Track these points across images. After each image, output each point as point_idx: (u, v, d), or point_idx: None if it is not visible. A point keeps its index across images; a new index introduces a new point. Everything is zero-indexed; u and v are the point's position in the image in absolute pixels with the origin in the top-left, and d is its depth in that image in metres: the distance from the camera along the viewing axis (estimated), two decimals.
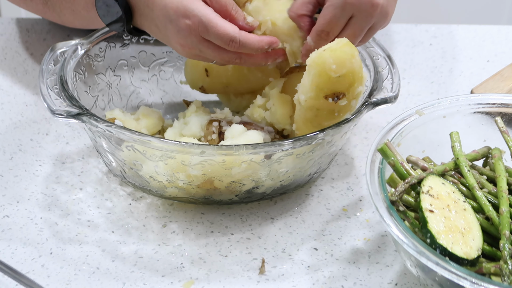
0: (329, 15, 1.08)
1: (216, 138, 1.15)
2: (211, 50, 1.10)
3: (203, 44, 1.09)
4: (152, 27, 1.13)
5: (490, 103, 1.13)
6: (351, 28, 1.10)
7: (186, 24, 1.07)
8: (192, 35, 1.08)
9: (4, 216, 1.13)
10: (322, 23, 1.09)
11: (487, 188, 1.02)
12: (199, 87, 1.25)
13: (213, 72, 1.22)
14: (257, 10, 1.14)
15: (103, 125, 1.06)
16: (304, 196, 1.18)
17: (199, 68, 1.23)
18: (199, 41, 1.09)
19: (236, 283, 1.04)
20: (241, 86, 1.23)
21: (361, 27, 1.10)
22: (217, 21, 1.07)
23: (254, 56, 1.12)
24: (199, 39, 1.09)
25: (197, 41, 1.09)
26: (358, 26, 1.09)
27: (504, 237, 0.94)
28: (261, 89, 1.22)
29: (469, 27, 1.58)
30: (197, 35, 1.08)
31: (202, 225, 1.13)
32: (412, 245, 0.92)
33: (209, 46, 1.09)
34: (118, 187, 1.18)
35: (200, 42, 1.09)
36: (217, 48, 1.10)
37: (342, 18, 1.08)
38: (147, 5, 1.10)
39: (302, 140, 1.06)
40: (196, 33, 1.08)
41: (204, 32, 1.07)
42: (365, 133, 1.30)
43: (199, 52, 1.11)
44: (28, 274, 1.04)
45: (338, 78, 1.05)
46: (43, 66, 1.16)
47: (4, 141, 1.26)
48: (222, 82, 1.23)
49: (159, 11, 1.09)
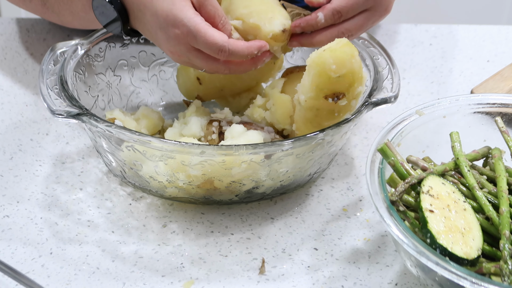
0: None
1: (216, 138, 1.15)
2: (199, 59, 1.09)
3: (192, 53, 1.09)
4: (145, 31, 1.13)
5: (490, 103, 1.13)
6: (360, 20, 1.12)
7: (175, 33, 1.07)
8: (181, 44, 1.08)
9: (4, 216, 1.13)
10: (341, 4, 1.11)
11: (487, 188, 1.02)
12: (195, 96, 1.25)
13: (205, 79, 1.22)
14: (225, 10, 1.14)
15: (103, 125, 1.06)
16: (304, 196, 1.18)
17: (191, 78, 1.23)
18: (188, 50, 1.09)
19: (236, 283, 1.04)
20: (236, 86, 1.23)
21: (368, 23, 1.13)
22: (206, 30, 1.06)
23: (243, 63, 1.12)
24: (188, 48, 1.08)
25: (186, 50, 1.08)
26: (367, 21, 1.13)
27: (504, 237, 0.94)
28: (257, 86, 1.22)
29: (469, 27, 1.58)
30: (186, 44, 1.08)
31: (202, 225, 1.13)
32: (412, 245, 0.92)
33: (197, 55, 1.09)
34: (118, 187, 1.18)
35: (189, 51, 1.09)
36: (205, 57, 1.09)
37: (361, 7, 1.11)
38: (139, 9, 1.10)
39: (302, 140, 1.06)
40: (185, 42, 1.08)
41: (193, 41, 1.07)
42: (365, 133, 1.30)
43: (188, 60, 1.11)
44: (28, 274, 1.04)
45: (338, 78, 1.05)
46: (43, 66, 1.16)
47: (4, 141, 1.26)
48: (216, 86, 1.22)
49: (150, 17, 1.09)
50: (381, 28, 1.55)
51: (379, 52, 1.22)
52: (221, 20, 1.10)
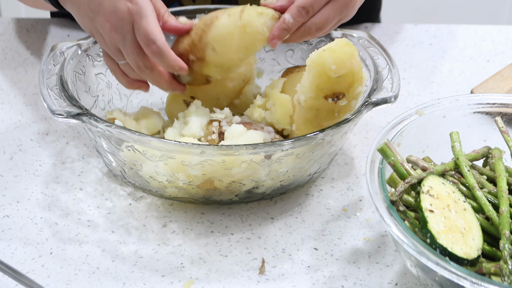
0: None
1: (216, 138, 1.15)
2: (130, 45, 1.09)
3: (128, 35, 1.09)
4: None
5: (490, 103, 1.13)
6: (328, 11, 1.10)
7: (126, 6, 1.07)
8: (125, 20, 1.08)
9: (4, 216, 1.13)
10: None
11: (487, 188, 1.02)
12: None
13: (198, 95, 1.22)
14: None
15: (103, 125, 1.06)
16: (304, 196, 1.18)
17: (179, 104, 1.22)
18: (128, 30, 1.08)
19: (236, 283, 1.04)
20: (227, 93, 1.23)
21: (336, 13, 1.11)
22: (153, 19, 1.08)
23: (162, 76, 1.12)
24: (129, 27, 1.08)
25: (126, 29, 1.08)
26: (334, 11, 1.10)
27: (504, 237, 0.94)
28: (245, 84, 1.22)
29: (469, 27, 1.58)
30: (130, 22, 1.08)
31: (202, 225, 1.13)
32: (412, 245, 0.92)
33: (132, 40, 1.09)
34: (118, 187, 1.18)
35: (128, 32, 1.08)
36: (136, 47, 1.09)
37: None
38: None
39: (302, 140, 1.06)
40: (130, 19, 1.08)
41: (137, 22, 1.07)
42: (365, 133, 1.30)
43: (121, 40, 1.09)
44: (28, 274, 1.04)
45: (338, 78, 1.05)
46: (43, 66, 1.16)
47: (4, 141, 1.26)
48: (213, 96, 1.22)
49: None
50: (381, 28, 1.55)
51: (379, 52, 1.22)
52: (166, 13, 1.12)
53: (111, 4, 1.08)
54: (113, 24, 1.09)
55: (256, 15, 1.11)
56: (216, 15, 1.13)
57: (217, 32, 1.12)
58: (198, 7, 1.30)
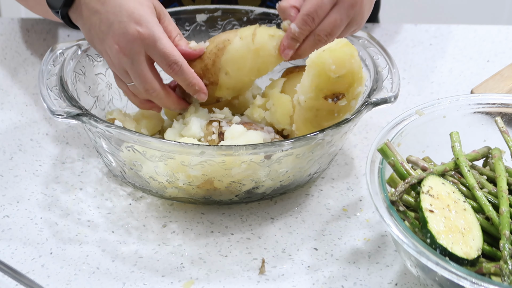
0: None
1: (216, 139, 1.15)
2: (137, 68, 1.09)
3: (140, 56, 1.09)
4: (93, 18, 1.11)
5: (490, 103, 1.13)
6: (334, 15, 1.11)
7: (136, 30, 1.07)
8: (136, 43, 1.08)
9: (4, 216, 1.13)
10: (308, 7, 1.11)
11: (487, 188, 1.02)
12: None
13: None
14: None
15: (103, 125, 1.06)
16: (304, 196, 1.18)
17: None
18: (138, 52, 1.09)
19: (236, 283, 1.04)
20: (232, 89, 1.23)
21: (343, 15, 1.12)
22: (167, 40, 1.09)
23: (169, 97, 1.14)
24: (140, 50, 1.08)
25: (137, 50, 1.08)
26: (340, 14, 1.11)
27: (504, 237, 0.94)
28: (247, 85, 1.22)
29: (469, 27, 1.58)
30: (141, 45, 1.08)
31: (202, 225, 1.13)
32: (412, 245, 0.92)
33: (139, 62, 1.09)
34: (118, 187, 1.18)
35: (139, 53, 1.09)
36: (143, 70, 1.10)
37: (328, 3, 1.10)
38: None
39: (302, 140, 1.06)
40: (141, 42, 1.08)
41: (151, 45, 1.08)
42: (365, 133, 1.30)
43: (129, 63, 1.09)
44: (28, 274, 1.04)
45: (337, 78, 1.05)
46: (43, 66, 1.16)
47: (4, 141, 1.26)
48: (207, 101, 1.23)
49: (111, 8, 1.09)
50: (380, 28, 1.55)
51: (379, 52, 1.22)
52: (177, 35, 1.13)
53: (121, 27, 1.08)
54: (122, 47, 1.09)
55: (268, 38, 1.14)
56: (228, 38, 1.15)
57: (230, 56, 1.14)
58: (197, 7, 1.30)
